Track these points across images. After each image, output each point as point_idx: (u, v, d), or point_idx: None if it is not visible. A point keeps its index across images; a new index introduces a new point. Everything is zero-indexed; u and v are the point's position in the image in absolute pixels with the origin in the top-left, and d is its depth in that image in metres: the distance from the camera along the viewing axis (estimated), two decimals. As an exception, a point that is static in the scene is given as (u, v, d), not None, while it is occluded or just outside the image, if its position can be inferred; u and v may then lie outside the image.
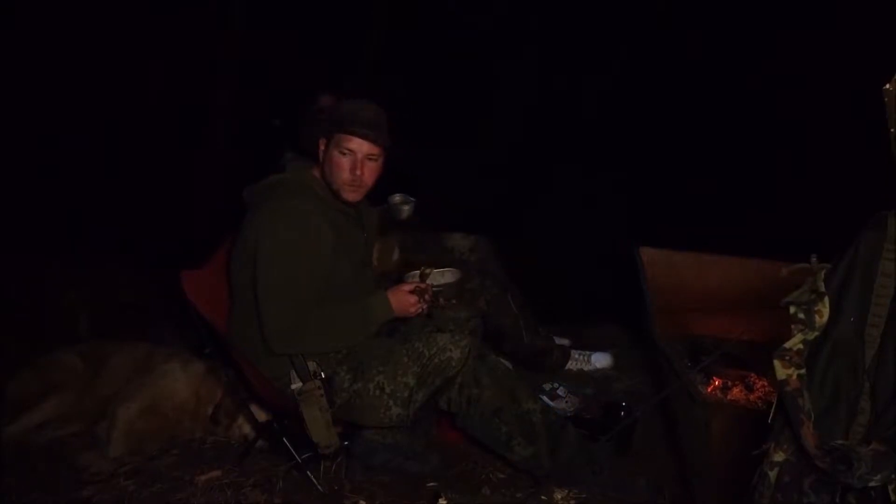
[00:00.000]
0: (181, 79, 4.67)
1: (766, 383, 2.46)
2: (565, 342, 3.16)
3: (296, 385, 2.02)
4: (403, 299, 2.20)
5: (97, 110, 4.45)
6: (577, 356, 3.12)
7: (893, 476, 1.24)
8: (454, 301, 2.42)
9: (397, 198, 2.77)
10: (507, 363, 2.66)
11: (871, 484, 1.25)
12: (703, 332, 2.84)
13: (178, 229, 4.16)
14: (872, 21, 3.50)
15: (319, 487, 2.16)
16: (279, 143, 3.19)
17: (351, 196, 2.16)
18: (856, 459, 1.24)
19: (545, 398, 2.70)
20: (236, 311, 2.24)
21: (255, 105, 4.41)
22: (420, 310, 2.23)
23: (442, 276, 2.33)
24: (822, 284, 1.33)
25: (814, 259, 1.36)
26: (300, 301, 2.08)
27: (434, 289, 2.29)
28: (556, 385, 2.81)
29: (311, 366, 2.06)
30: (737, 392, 2.47)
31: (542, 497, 2.08)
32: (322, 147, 2.18)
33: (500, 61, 5.48)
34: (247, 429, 2.42)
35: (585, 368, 3.11)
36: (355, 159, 2.11)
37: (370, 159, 2.13)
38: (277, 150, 3.16)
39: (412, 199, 2.89)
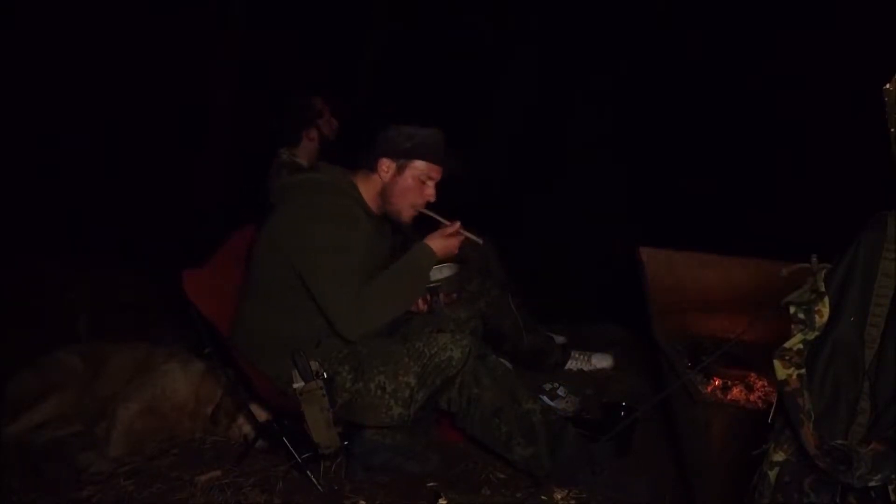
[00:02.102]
0: (181, 79, 4.67)
1: (766, 383, 2.46)
2: (562, 339, 3.16)
3: (297, 384, 2.02)
4: (445, 242, 2.21)
5: (97, 110, 4.46)
6: (577, 356, 3.12)
7: (893, 476, 1.24)
8: (455, 295, 2.41)
9: None
10: (507, 363, 2.66)
11: (871, 484, 1.25)
12: (703, 332, 2.84)
13: (178, 229, 4.16)
14: (872, 21, 3.50)
15: (319, 487, 2.16)
16: (276, 143, 3.20)
17: (409, 218, 2.25)
18: (856, 459, 1.24)
19: (545, 398, 2.70)
20: (248, 307, 2.24)
21: (255, 105, 4.42)
22: (459, 245, 2.24)
23: (440, 272, 2.33)
24: (822, 284, 1.33)
25: (814, 259, 1.36)
26: (355, 281, 2.10)
27: (433, 285, 2.29)
28: (556, 385, 2.81)
29: (314, 365, 2.06)
30: (737, 392, 2.47)
31: (542, 497, 2.08)
32: (386, 168, 2.20)
33: (500, 61, 5.48)
34: (247, 429, 2.41)
35: (585, 368, 3.11)
36: (433, 185, 2.21)
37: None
38: (275, 150, 3.17)
39: None
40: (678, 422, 2.38)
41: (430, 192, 2.22)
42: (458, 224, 2.24)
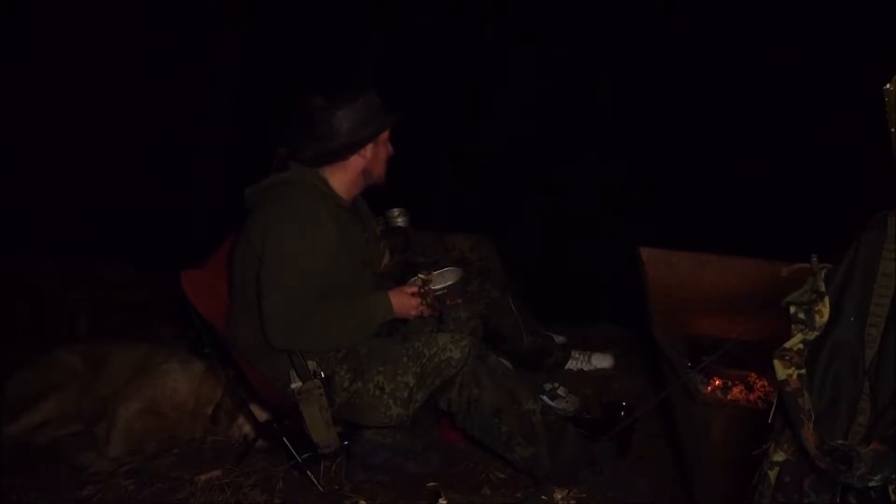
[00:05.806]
0: (181, 77, 4.67)
1: (766, 383, 2.46)
2: (562, 339, 3.16)
3: (295, 384, 2.03)
4: (406, 301, 2.21)
5: (97, 110, 4.46)
6: (577, 356, 3.12)
7: (893, 476, 1.24)
8: (460, 300, 2.42)
9: (395, 211, 2.88)
10: (508, 363, 2.65)
11: (871, 484, 1.25)
12: (703, 332, 2.84)
13: (178, 229, 4.16)
14: (872, 21, 3.50)
15: (319, 487, 2.16)
16: (274, 143, 3.20)
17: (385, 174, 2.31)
18: (856, 459, 1.24)
19: (545, 398, 2.70)
20: (237, 309, 2.24)
21: (255, 105, 4.42)
22: (420, 314, 2.24)
23: (443, 278, 2.33)
24: (822, 284, 1.33)
25: (814, 259, 1.36)
26: (304, 297, 2.08)
27: (440, 292, 2.29)
28: (556, 385, 2.81)
29: (311, 365, 2.06)
30: (737, 392, 2.47)
31: (542, 497, 2.08)
32: (366, 152, 2.22)
33: (501, 61, 5.48)
34: (247, 429, 2.42)
35: (585, 368, 3.11)
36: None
37: None
38: (272, 150, 3.16)
39: (407, 212, 2.94)
40: (678, 422, 2.38)
41: (390, 148, 2.30)
42: (416, 288, 2.24)
